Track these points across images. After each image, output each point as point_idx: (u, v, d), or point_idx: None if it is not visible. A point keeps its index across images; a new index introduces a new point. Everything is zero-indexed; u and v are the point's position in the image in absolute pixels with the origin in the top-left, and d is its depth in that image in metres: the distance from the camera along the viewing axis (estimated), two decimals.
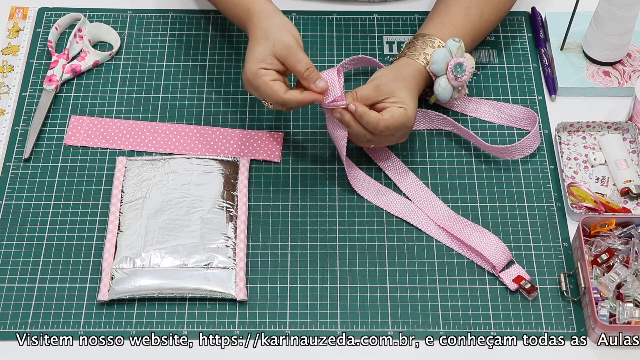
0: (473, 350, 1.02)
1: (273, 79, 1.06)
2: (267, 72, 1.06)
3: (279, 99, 1.06)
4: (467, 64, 1.14)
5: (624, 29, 1.20)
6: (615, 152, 1.16)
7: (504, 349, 1.02)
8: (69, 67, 1.24)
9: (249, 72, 1.07)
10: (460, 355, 1.02)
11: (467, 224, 1.10)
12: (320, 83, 1.06)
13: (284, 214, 1.12)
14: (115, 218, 1.10)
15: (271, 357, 1.02)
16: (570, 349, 1.03)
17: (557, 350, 1.02)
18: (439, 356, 1.02)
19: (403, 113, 1.08)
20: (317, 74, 1.06)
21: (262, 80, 1.06)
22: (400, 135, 1.11)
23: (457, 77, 1.13)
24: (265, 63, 1.06)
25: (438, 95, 1.15)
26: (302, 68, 1.06)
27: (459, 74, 1.13)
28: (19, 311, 1.04)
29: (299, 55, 1.06)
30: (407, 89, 1.11)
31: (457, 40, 1.13)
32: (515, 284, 1.06)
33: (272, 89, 1.06)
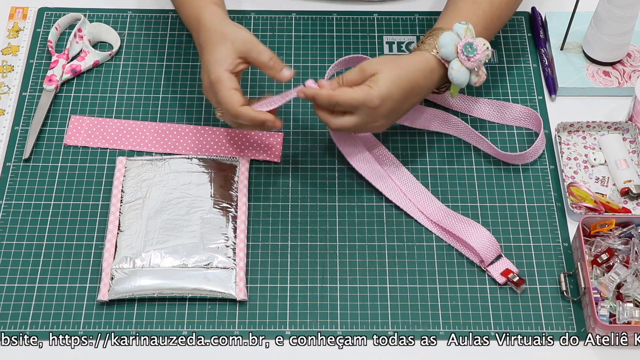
0: (473, 350, 1.02)
1: (235, 88, 1.05)
2: (230, 78, 1.05)
3: (233, 110, 1.04)
4: (479, 43, 1.08)
5: (624, 29, 1.20)
6: (615, 152, 1.16)
7: (504, 349, 1.02)
8: (69, 67, 1.24)
9: (213, 74, 1.05)
10: (460, 355, 1.02)
11: (459, 218, 1.10)
12: (286, 72, 1.06)
13: (284, 214, 1.12)
14: (115, 218, 1.10)
15: (271, 357, 1.02)
16: (570, 349, 1.03)
17: (557, 350, 1.02)
18: (439, 356, 1.02)
19: (364, 90, 1.03)
20: (281, 63, 1.06)
21: (224, 86, 1.05)
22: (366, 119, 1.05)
23: (470, 58, 1.07)
24: (228, 64, 1.05)
25: (454, 80, 1.09)
26: (265, 58, 1.06)
27: (470, 54, 1.07)
28: (19, 311, 1.04)
29: (260, 47, 1.06)
30: (391, 72, 1.05)
31: (464, 23, 1.09)
32: (503, 277, 1.06)
33: (231, 98, 1.04)
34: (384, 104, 1.04)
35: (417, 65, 1.07)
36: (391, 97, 1.05)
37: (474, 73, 1.10)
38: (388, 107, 1.05)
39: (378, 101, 1.04)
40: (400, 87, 1.05)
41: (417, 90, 1.08)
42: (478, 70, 1.10)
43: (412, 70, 1.07)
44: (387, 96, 1.04)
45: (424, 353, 1.02)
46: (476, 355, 1.02)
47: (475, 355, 1.02)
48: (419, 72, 1.07)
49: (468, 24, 1.09)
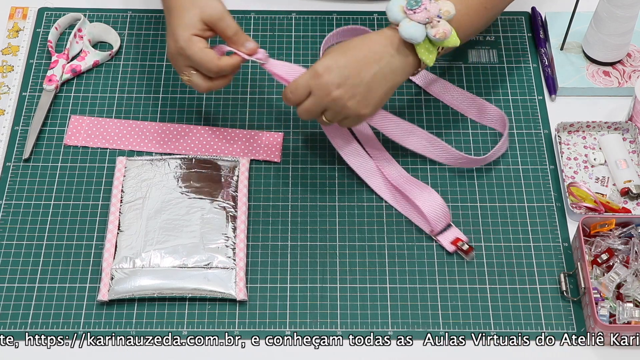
0: (473, 350, 1.02)
1: (206, 47, 1.07)
2: (200, 40, 1.07)
3: (215, 66, 1.06)
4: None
5: (624, 29, 1.20)
6: (615, 152, 1.16)
7: (504, 349, 1.02)
8: (69, 67, 1.24)
9: (181, 39, 1.06)
10: (460, 355, 1.02)
11: (417, 183, 1.11)
12: (250, 44, 1.08)
13: (284, 214, 1.12)
14: (115, 218, 1.10)
15: (271, 357, 1.02)
16: (570, 349, 1.03)
17: (557, 350, 1.02)
18: (439, 356, 1.02)
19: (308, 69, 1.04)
20: (245, 37, 1.08)
21: (197, 47, 1.06)
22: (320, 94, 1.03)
23: (415, 10, 1.03)
24: (196, 29, 1.06)
25: (405, 36, 1.04)
26: (230, 32, 1.07)
27: (413, 7, 1.03)
28: (19, 311, 1.04)
29: (228, 20, 1.07)
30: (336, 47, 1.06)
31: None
32: (452, 245, 1.08)
33: (208, 55, 1.06)
34: (330, 72, 1.03)
35: (368, 37, 1.07)
36: (336, 63, 1.03)
37: (429, 25, 1.04)
38: (337, 74, 1.03)
39: (321, 69, 1.03)
40: (346, 54, 1.04)
41: (373, 56, 1.05)
42: (432, 22, 1.04)
43: (363, 41, 1.06)
44: (330, 64, 1.03)
45: (424, 353, 1.02)
46: (476, 355, 1.02)
47: (475, 355, 1.02)
48: (371, 41, 1.06)
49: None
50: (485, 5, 1.11)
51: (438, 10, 1.04)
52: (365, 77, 1.04)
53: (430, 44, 1.05)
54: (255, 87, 1.24)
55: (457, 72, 1.25)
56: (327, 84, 1.03)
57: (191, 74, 1.08)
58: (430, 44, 1.05)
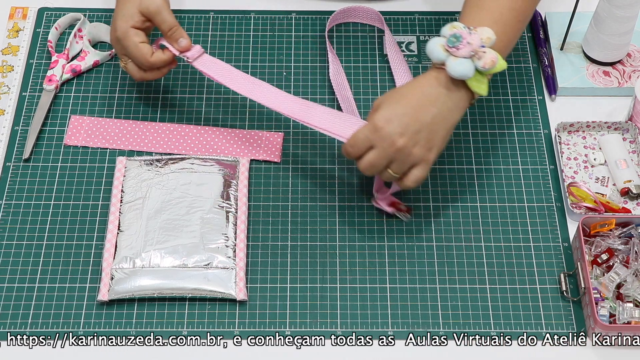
0: (473, 350, 1.02)
1: (142, 42, 1.12)
2: (137, 33, 1.12)
3: (146, 61, 1.12)
4: (463, 31, 1.03)
5: (624, 29, 1.20)
6: (615, 152, 1.16)
7: (504, 349, 1.02)
8: (69, 67, 1.24)
9: (119, 30, 1.12)
10: (460, 355, 1.02)
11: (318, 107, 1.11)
12: (183, 42, 1.13)
13: (284, 214, 1.12)
14: (115, 218, 1.10)
15: (271, 357, 1.02)
16: (570, 349, 1.03)
17: (557, 350, 1.02)
18: (439, 356, 1.02)
19: (367, 122, 1.03)
20: (180, 33, 1.12)
21: (132, 41, 1.11)
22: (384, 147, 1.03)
23: (458, 46, 1.02)
24: (134, 21, 1.12)
25: (455, 74, 1.03)
26: (166, 28, 1.12)
27: (455, 44, 1.03)
28: (19, 311, 1.04)
29: (164, 15, 1.12)
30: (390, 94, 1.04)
31: (449, 24, 1.05)
32: (391, 207, 1.10)
33: (141, 51, 1.12)
34: (390, 122, 1.02)
35: (418, 81, 1.06)
36: (395, 113, 1.02)
37: (475, 57, 1.03)
38: (397, 124, 1.02)
39: (381, 122, 1.02)
40: (400, 101, 1.03)
41: (428, 100, 1.03)
42: (478, 53, 1.03)
43: (414, 86, 1.05)
44: (388, 114, 1.02)
45: (424, 353, 1.02)
46: (476, 355, 1.02)
47: (476, 355, 1.02)
48: (422, 85, 1.05)
49: (452, 23, 1.05)
50: (518, 18, 1.10)
51: (480, 40, 1.03)
52: (425, 121, 1.03)
53: (479, 75, 1.04)
54: None
55: None
56: (390, 135, 1.02)
57: (127, 62, 1.14)
58: (479, 74, 1.04)
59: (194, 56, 1.13)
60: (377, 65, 1.26)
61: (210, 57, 1.15)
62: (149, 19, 1.12)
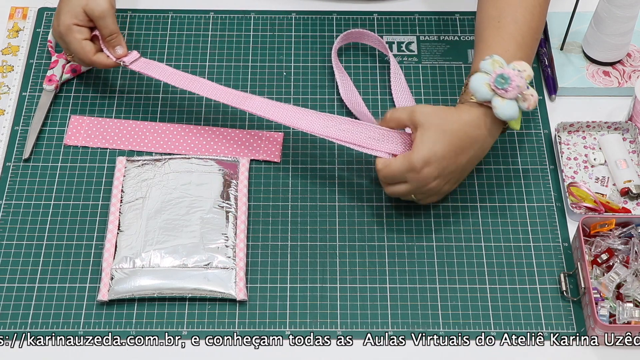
0: (473, 350, 1.02)
1: (85, 39, 1.14)
2: (80, 30, 1.13)
3: (88, 59, 1.15)
4: (510, 71, 1.03)
5: (624, 29, 1.20)
6: (615, 152, 1.16)
7: (504, 349, 1.02)
8: (69, 67, 1.24)
9: (62, 25, 1.14)
10: (460, 355, 1.02)
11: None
12: (119, 50, 1.15)
13: (284, 214, 1.12)
14: (115, 218, 1.10)
15: (271, 357, 1.02)
16: (570, 349, 1.03)
17: (557, 350, 1.02)
18: (439, 356, 1.02)
19: (406, 158, 1.03)
20: (118, 41, 1.14)
21: (74, 37, 1.13)
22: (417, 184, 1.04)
23: (507, 89, 1.02)
24: (78, 19, 1.13)
25: (503, 117, 1.04)
26: (106, 33, 1.14)
27: (505, 85, 1.02)
28: (19, 311, 1.04)
29: (107, 20, 1.13)
30: (435, 131, 1.03)
31: (489, 57, 1.04)
32: None
33: (84, 49, 1.14)
34: (429, 165, 1.03)
35: (462, 119, 1.04)
36: (435, 157, 1.02)
37: (521, 99, 1.04)
38: (436, 167, 1.03)
39: (419, 164, 1.02)
40: (445, 144, 1.03)
41: (470, 142, 1.04)
42: (524, 95, 1.04)
43: (459, 125, 1.04)
44: (428, 157, 1.02)
45: (424, 353, 1.02)
46: (476, 355, 1.02)
47: (476, 355, 1.02)
48: (466, 125, 1.04)
49: (492, 57, 1.04)
50: (535, 37, 1.11)
51: (525, 82, 1.03)
52: (461, 163, 1.05)
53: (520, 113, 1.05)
54: (255, 87, 1.24)
55: (457, 72, 1.25)
56: (426, 178, 1.04)
57: (72, 57, 1.18)
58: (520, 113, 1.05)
59: (130, 60, 1.17)
60: (377, 65, 1.26)
61: (146, 60, 1.18)
62: (92, 21, 1.14)
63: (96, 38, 1.16)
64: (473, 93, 1.04)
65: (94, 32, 1.16)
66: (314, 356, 1.02)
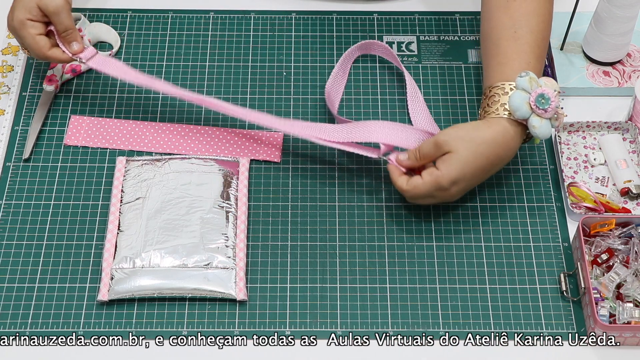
0: (473, 350, 1.02)
1: (39, 34, 1.12)
2: (34, 25, 1.12)
3: (42, 54, 1.12)
4: (548, 90, 1.03)
5: (624, 29, 1.20)
6: (615, 152, 1.16)
7: (504, 349, 1.02)
8: (69, 67, 1.24)
9: (15, 20, 1.11)
10: (460, 355, 1.02)
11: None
12: (75, 46, 1.13)
13: (284, 214, 1.12)
14: (115, 218, 1.10)
15: (271, 357, 1.02)
16: (570, 349, 1.03)
17: (557, 350, 1.02)
18: (439, 356, 1.02)
19: (432, 176, 1.04)
20: (74, 37, 1.13)
21: (28, 32, 1.11)
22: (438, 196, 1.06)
23: (547, 109, 1.03)
24: (31, 14, 1.11)
25: (539, 136, 1.04)
26: (61, 29, 1.12)
27: (545, 105, 1.03)
28: (19, 311, 1.04)
29: (62, 16, 1.11)
30: (465, 152, 1.03)
31: (525, 74, 1.04)
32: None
33: (38, 44, 1.12)
34: (456, 185, 1.05)
35: (496, 139, 1.04)
36: (464, 178, 1.04)
37: (554, 118, 1.05)
38: (462, 187, 1.06)
39: (447, 184, 1.04)
40: (476, 166, 1.04)
41: (498, 160, 1.06)
42: (559, 114, 1.05)
43: (490, 145, 1.04)
44: (458, 178, 1.04)
45: (424, 353, 1.02)
46: (476, 355, 1.02)
47: (476, 355, 1.02)
48: (497, 146, 1.04)
49: (528, 74, 1.04)
50: (546, 44, 1.11)
51: (559, 102, 1.05)
52: (483, 179, 1.08)
53: None
54: (255, 87, 1.24)
55: (457, 72, 1.25)
56: (452, 195, 1.06)
57: (27, 52, 1.15)
58: None
59: (86, 57, 1.15)
60: (376, 65, 1.26)
61: (104, 57, 1.17)
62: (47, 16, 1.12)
63: (52, 33, 1.15)
64: (513, 111, 1.04)
65: (49, 27, 1.14)
66: (314, 356, 1.02)
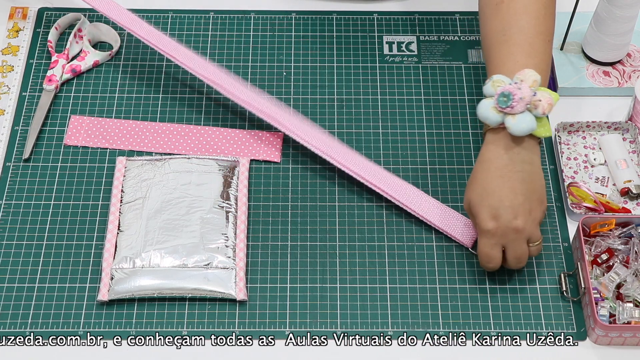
0: (473, 350, 1.02)
1: None
2: None
3: None
4: (510, 87, 1.01)
5: (624, 29, 1.20)
6: (615, 152, 1.16)
7: (504, 349, 1.02)
8: (69, 67, 1.24)
9: None
10: (460, 355, 1.02)
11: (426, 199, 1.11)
12: None
13: (284, 214, 1.12)
14: (115, 218, 1.10)
15: (271, 357, 1.02)
16: (570, 349, 1.03)
17: (557, 350, 1.02)
18: (439, 356, 1.02)
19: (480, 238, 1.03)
20: None
21: None
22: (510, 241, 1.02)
23: (512, 105, 1.00)
24: None
25: (519, 132, 1.01)
26: None
27: (507, 103, 1.00)
28: (19, 311, 1.04)
29: None
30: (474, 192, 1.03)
31: (489, 81, 1.03)
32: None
33: None
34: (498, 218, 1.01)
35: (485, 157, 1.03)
36: (493, 207, 1.01)
37: (532, 108, 1.01)
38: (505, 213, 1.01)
39: (489, 225, 1.01)
40: (494, 194, 1.01)
41: (507, 169, 1.02)
42: (534, 102, 1.01)
43: (484, 166, 1.03)
44: (488, 213, 1.01)
45: (424, 353, 1.02)
46: (476, 355, 1.02)
47: (476, 355, 1.02)
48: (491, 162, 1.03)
49: (492, 78, 1.03)
50: (546, 40, 1.07)
51: (530, 90, 1.01)
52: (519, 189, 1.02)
53: (540, 120, 1.02)
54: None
55: (457, 72, 1.26)
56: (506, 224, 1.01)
57: None
58: (540, 119, 1.02)
59: None
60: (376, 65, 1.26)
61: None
62: None
63: None
64: (483, 122, 1.03)
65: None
66: (314, 356, 1.02)
